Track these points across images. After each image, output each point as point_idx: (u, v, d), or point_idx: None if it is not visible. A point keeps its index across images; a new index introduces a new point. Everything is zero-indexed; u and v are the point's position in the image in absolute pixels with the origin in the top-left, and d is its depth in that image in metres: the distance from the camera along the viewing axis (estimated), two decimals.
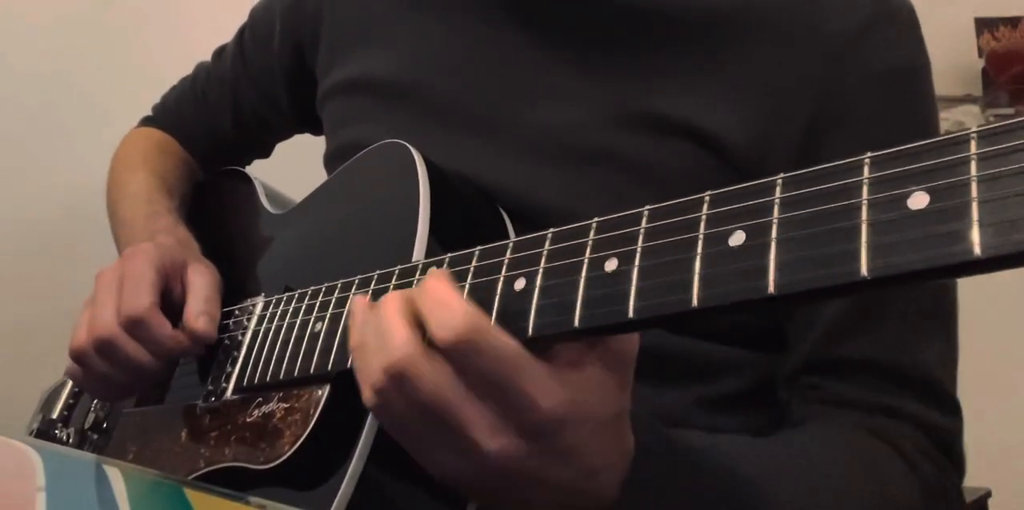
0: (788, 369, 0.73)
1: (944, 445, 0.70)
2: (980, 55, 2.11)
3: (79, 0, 1.70)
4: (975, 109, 2.07)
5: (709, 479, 0.57)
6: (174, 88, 1.16)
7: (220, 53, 1.11)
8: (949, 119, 2.06)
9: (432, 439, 0.51)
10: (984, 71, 2.10)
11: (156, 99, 1.16)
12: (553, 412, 0.47)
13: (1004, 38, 2.10)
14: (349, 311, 0.57)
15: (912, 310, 0.71)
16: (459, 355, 0.48)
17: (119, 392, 0.82)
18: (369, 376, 0.51)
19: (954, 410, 0.72)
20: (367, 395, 0.52)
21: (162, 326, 0.76)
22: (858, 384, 0.70)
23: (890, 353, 0.70)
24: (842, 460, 0.64)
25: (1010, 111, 2.07)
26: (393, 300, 0.51)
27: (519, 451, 0.49)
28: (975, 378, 0.74)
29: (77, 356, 0.78)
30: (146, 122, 1.15)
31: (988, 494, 1.56)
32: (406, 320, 0.50)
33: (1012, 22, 2.10)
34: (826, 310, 0.71)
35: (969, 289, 0.74)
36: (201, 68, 1.13)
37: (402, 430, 0.53)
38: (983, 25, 2.11)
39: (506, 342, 0.48)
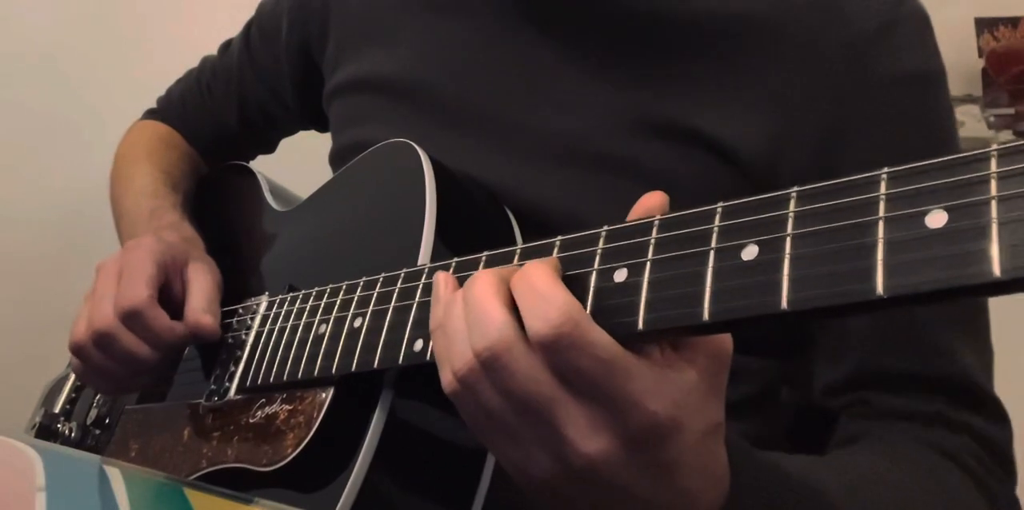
0: (828, 383, 0.72)
1: (998, 453, 0.69)
2: (980, 55, 2.10)
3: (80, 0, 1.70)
4: (975, 109, 2.07)
5: (805, 508, 0.53)
6: (179, 81, 1.15)
7: (226, 47, 1.11)
8: None
9: (520, 434, 0.47)
10: (984, 71, 2.09)
11: (157, 98, 1.16)
12: (659, 415, 0.44)
13: (1004, 38, 2.10)
14: (434, 287, 0.53)
15: (950, 317, 0.70)
16: (556, 349, 0.44)
17: (120, 386, 0.82)
18: (455, 360, 0.48)
19: (1002, 417, 0.71)
20: (449, 380, 0.49)
21: (159, 318, 0.76)
22: (908, 397, 0.69)
23: (934, 363, 0.69)
24: (913, 478, 0.63)
25: (1010, 111, 2.07)
26: (486, 280, 0.48)
27: (617, 456, 0.45)
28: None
29: (77, 349, 0.78)
30: (150, 115, 1.15)
31: None
32: (501, 302, 0.47)
33: (1012, 22, 2.10)
34: (860, 322, 0.70)
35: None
36: (207, 61, 1.13)
37: (486, 422, 0.49)
38: (983, 25, 2.11)
39: (607, 339, 0.44)
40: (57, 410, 0.96)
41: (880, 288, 0.37)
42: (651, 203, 0.50)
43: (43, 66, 1.65)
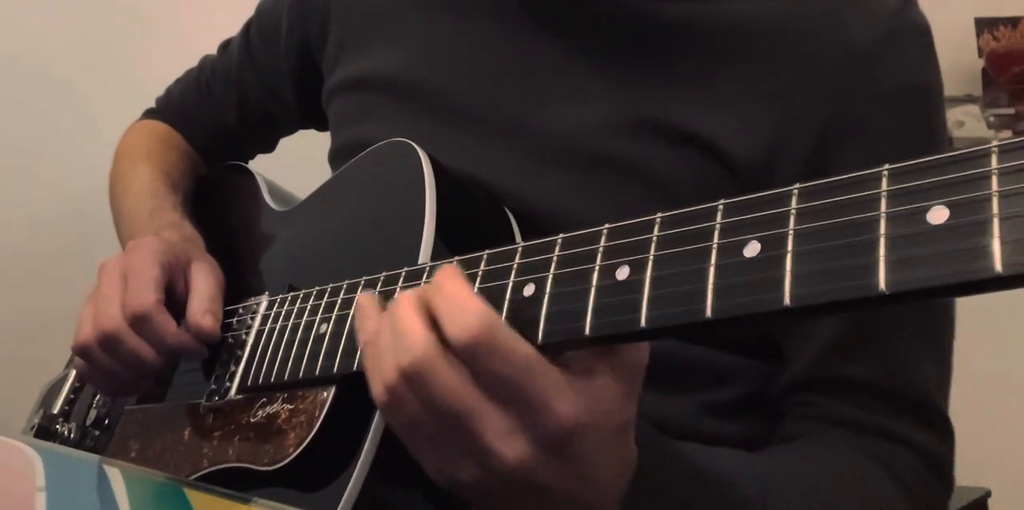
0: (783, 383, 0.73)
1: (936, 468, 0.70)
2: (980, 55, 2.10)
3: (80, 0, 1.70)
4: (975, 109, 2.07)
5: (709, 497, 0.57)
6: (178, 80, 1.15)
7: (226, 46, 1.10)
8: (949, 119, 2.06)
9: (443, 442, 0.50)
10: (984, 71, 2.10)
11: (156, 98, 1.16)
12: (569, 419, 0.47)
13: (1004, 38, 2.10)
14: (356, 306, 0.56)
15: (912, 330, 0.71)
16: (475, 356, 0.47)
17: (123, 388, 0.82)
18: (382, 374, 0.50)
19: (947, 433, 0.72)
20: (378, 393, 0.51)
21: (167, 323, 0.76)
22: (854, 404, 0.70)
23: (888, 374, 0.70)
24: (838, 480, 0.65)
25: (1010, 111, 2.07)
26: (408, 298, 0.51)
27: (533, 459, 0.48)
28: (975, 379, 0.74)
29: (82, 351, 0.78)
30: (149, 114, 1.14)
31: (988, 494, 1.57)
32: (422, 319, 0.49)
33: (1012, 22, 2.10)
34: (824, 327, 0.71)
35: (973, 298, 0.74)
36: (206, 61, 1.12)
37: (412, 432, 0.52)
38: (983, 25, 2.11)
39: (522, 345, 0.47)
40: (56, 411, 0.96)
41: (882, 284, 0.38)
42: None
43: (44, 67, 1.65)
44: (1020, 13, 2.10)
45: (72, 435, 0.93)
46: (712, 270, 0.43)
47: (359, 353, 0.60)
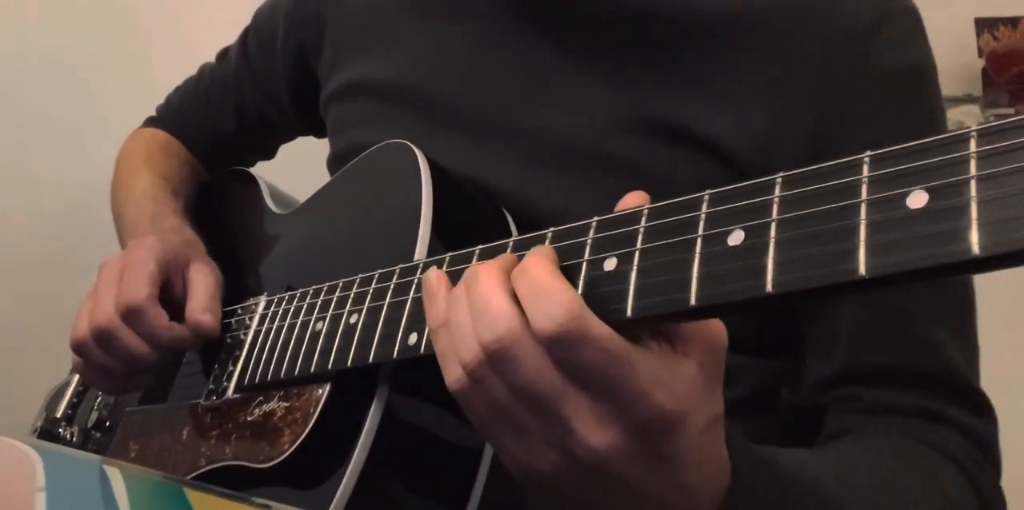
0: (817, 379, 0.72)
1: (984, 448, 0.69)
2: (980, 55, 2.10)
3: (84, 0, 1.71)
4: (975, 109, 2.07)
5: (799, 503, 0.53)
6: (178, 89, 1.16)
7: (224, 54, 1.11)
8: (949, 119, 2.05)
9: (526, 429, 0.47)
10: (984, 71, 2.10)
11: (160, 99, 1.17)
12: (665, 407, 0.44)
13: (1004, 38, 2.10)
14: (425, 285, 0.52)
15: (937, 315, 0.70)
16: (562, 346, 0.44)
17: (120, 384, 0.82)
18: (462, 355, 0.47)
19: (988, 410, 0.71)
20: (455, 376, 0.48)
21: (159, 317, 0.76)
22: (896, 391, 0.69)
23: (923, 359, 0.69)
24: (903, 470, 0.63)
25: (1010, 111, 2.07)
26: (490, 273, 0.48)
27: (625, 450, 0.45)
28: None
29: (77, 346, 0.79)
30: (150, 123, 1.15)
31: None
32: (506, 295, 0.46)
33: (1012, 22, 2.10)
34: (848, 317, 0.70)
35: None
36: (205, 69, 1.13)
37: (493, 417, 0.48)
38: (983, 25, 2.11)
39: (610, 333, 0.44)
40: (59, 415, 0.97)
41: (862, 268, 0.38)
42: (632, 203, 0.50)
43: (45, 68, 1.65)
44: (1020, 13, 2.10)
45: (74, 438, 0.93)
46: (697, 259, 0.44)
47: (353, 347, 0.61)
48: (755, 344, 0.74)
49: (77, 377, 0.99)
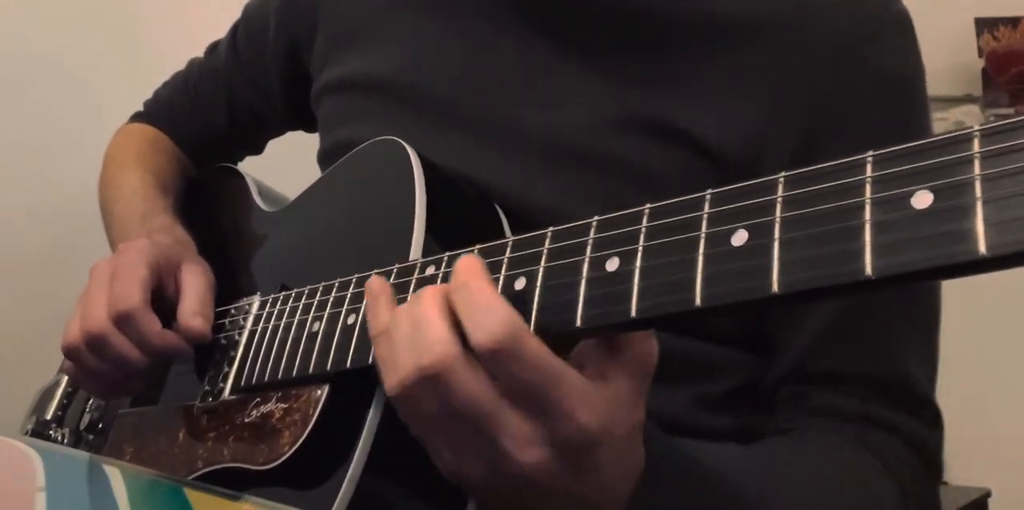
0: (774, 376, 0.74)
1: (926, 455, 0.71)
2: (980, 55, 2.11)
3: None
4: (975, 109, 2.08)
5: (713, 496, 0.56)
6: (166, 84, 1.15)
7: (213, 49, 1.11)
8: (949, 119, 2.06)
9: (456, 442, 0.50)
10: (984, 71, 2.10)
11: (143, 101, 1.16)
12: (589, 427, 0.46)
13: (1004, 38, 2.10)
14: (368, 292, 0.55)
15: (899, 321, 0.71)
16: (497, 361, 0.46)
17: (112, 389, 0.82)
18: (398, 369, 0.49)
19: (937, 421, 0.73)
20: (392, 386, 0.50)
21: (151, 323, 0.76)
22: (846, 395, 0.70)
23: (878, 365, 0.71)
24: (834, 473, 0.65)
25: (1010, 111, 2.07)
26: (432, 294, 0.49)
27: (550, 465, 0.47)
28: (975, 378, 0.74)
29: (69, 351, 0.78)
30: (137, 118, 1.14)
31: (988, 494, 1.56)
32: (445, 317, 0.48)
33: (1012, 22, 2.10)
34: (814, 319, 0.71)
35: (969, 290, 0.75)
36: (194, 64, 1.12)
37: (425, 427, 0.51)
38: (983, 25, 2.11)
39: (546, 351, 0.46)
40: (49, 417, 0.96)
41: (868, 269, 0.38)
42: None
43: (45, 68, 1.65)
44: (1020, 13, 2.11)
45: (65, 440, 0.92)
46: (701, 259, 0.44)
47: (352, 347, 0.61)
48: (742, 338, 0.74)
49: (65, 378, 0.98)
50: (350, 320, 0.62)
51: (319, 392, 0.63)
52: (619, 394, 0.48)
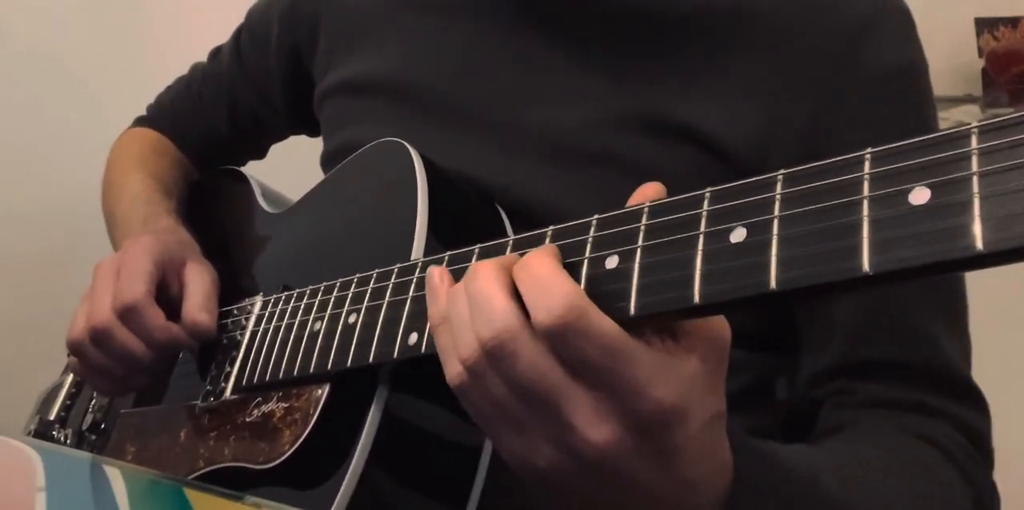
0: (812, 373, 0.72)
1: (978, 441, 0.69)
2: (980, 55, 2.11)
3: None
4: (975, 109, 2.07)
5: (805, 499, 0.53)
6: (169, 88, 1.15)
7: (216, 54, 1.11)
8: (949, 119, 2.06)
9: (525, 424, 0.47)
10: (984, 71, 2.10)
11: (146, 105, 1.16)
12: (664, 402, 0.44)
13: (1004, 38, 2.10)
14: (428, 281, 0.52)
15: (930, 308, 0.71)
16: (563, 340, 0.44)
17: (117, 384, 0.82)
18: (461, 351, 0.47)
19: (982, 404, 0.71)
20: (455, 372, 0.48)
21: (156, 316, 0.76)
22: (891, 385, 0.69)
23: (917, 352, 0.70)
24: (903, 468, 0.63)
25: (1010, 111, 2.06)
26: (487, 269, 0.48)
27: (624, 444, 0.45)
28: (975, 378, 0.74)
29: (74, 347, 0.78)
30: (140, 122, 1.15)
31: None
32: (504, 289, 0.46)
33: (1012, 22, 2.10)
34: (845, 313, 0.71)
35: (972, 287, 0.75)
36: (197, 69, 1.13)
37: (492, 413, 0.48)
38: (983, 25, 2.11)
39: (612, 327, 0.44)
40: (52, 417, 0.96)
41: (866, 265, 0.38)
42: (648, 194, 0.50)
43: (45, 68, 1.65)
44: (1020, 13, 2.11)
45: (69, 440, 0.93)
46: (699, 257, 0.44)
47: (353, 347, 0.61)
48: (750, 338, 0.73)
49: (69, 379, 0.99)
50: (351, 320, 0.62)
51: (320, 391, 0.63)
52: (692, 373, 0.45)
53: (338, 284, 0.66)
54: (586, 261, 0.49)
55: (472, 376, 0.47)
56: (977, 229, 0.35)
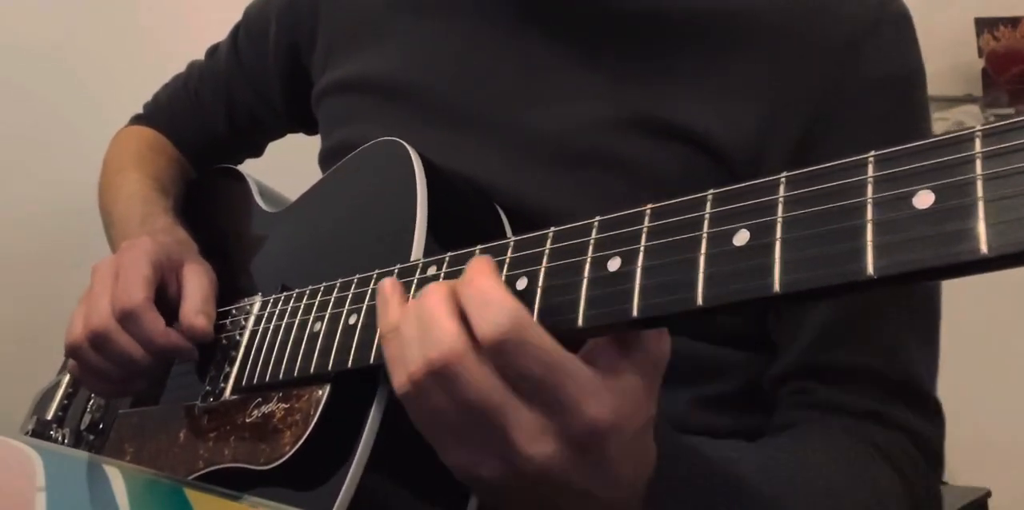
0: (775, 371, 0.74)
1: (928, 450, 0.71)
2: (980, 55, 2.11)
3: None
4: (975, 109, 2.08)
5: (725, 492, 0.56)
6: (166, 86, 1.15)
7: (213, 51, 1.11)
8: (949, 119, 2.06)
9: (467, 437, 0.50)
10: (984, 71, 2.10)
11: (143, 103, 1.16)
12: (599, 420, 0.46)
13: (1004, 38, 2.10)
14: (379, 292, 0.55)
15: (901, 316, 0.72)
16: (503, 354, 0.46)
17: (115, 388, 0.82)
18: (406, 366, 0.50)
19: (939, 416, 0.73)
20: (401, 383, 0.50)
21: (155, 322, 0.76)
22: (848, 390, 0.70)
23: (880, 359, 0.71)
24: (839, 469, 0.65)
25: (1010, 111, 2.07)
26: (437, 290, 0.50)
27: (561, 458, 0.47)
28: (976, 379, 0.75)
29: (73, 349, 0.78)
30: (137, 120, 1.14)
31: (988, 494, 1.56)
32: (452, 312, 0.48)
33: (1012, 22, 2.10)
34: (815, 316, 0.71)
35: (970, 290, 0.75)
36: (194, 66, 1.13)
37: (434, 425, 0.51)
38: (983, 25, 2.11)
39: (552, 344, 0.46)
40: (49, 417, 0.95)
41: (870, 268, 0.38)
42: None
43: (45, 67, 1.65)
44: (1020, 13, 2.11)
45: (66, 440, 0.92)
46: (702, 259, 0.44)
47: (353, 347, 0.61)
48: (744, 338, 0.74)
49: (66, 378, 0.98)
50: (351, 320, 0.62)
51: (320, 392, 0.63)
52: (629, 389, 0.47)
53: (338, 284, 0.66)
54: (588, 262, 0.48)
55: (417, 389, 0.50)
56: (982, 233, 0.35)
